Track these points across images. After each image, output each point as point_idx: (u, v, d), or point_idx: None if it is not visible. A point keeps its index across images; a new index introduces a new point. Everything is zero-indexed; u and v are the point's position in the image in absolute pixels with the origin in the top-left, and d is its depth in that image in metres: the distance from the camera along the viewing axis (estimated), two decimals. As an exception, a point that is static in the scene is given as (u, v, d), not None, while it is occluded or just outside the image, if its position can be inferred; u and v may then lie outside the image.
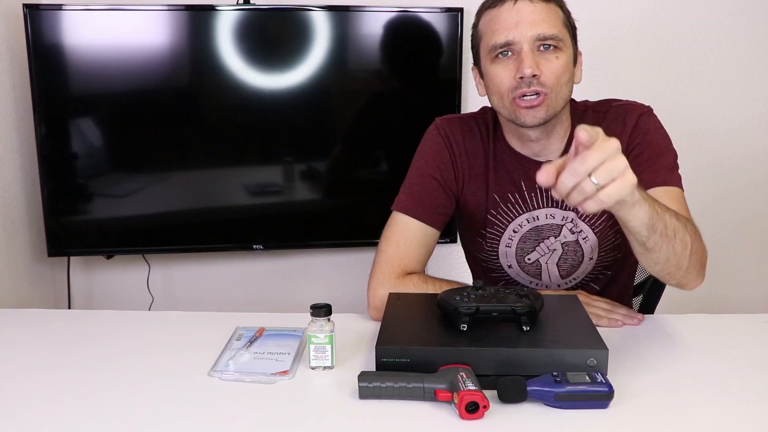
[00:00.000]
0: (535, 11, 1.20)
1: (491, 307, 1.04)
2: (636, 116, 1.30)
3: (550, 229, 1.35)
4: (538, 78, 1.19)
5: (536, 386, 0.95)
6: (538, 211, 1.34)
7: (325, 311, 1.07)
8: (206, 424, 0.94)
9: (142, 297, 2.26)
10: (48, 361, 1.15)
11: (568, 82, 1.24)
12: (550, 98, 1.21)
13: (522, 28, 1.19)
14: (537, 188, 1.32)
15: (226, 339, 1.20)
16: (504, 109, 1.26)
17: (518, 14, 1.20)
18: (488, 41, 1.24)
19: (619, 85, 2.17)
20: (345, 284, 2.32)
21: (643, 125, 1.29)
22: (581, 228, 1.34)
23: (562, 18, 1.24)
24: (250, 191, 2.14)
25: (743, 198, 2.27)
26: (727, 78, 2.20)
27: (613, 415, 0.94)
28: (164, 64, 2.01)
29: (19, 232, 2.04)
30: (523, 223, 1.36)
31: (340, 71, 2.09)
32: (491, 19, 1.24)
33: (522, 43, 1.20)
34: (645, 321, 1.30)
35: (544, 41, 1.20)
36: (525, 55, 1.19)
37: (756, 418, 0.94)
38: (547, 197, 1.33)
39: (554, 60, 1.21)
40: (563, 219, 1.34)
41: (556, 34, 1.21)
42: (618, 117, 1.31)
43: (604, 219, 1.32)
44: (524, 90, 1.20)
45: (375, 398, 0.97)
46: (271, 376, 1.06)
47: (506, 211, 1.36)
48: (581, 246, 1.36)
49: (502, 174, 1.35)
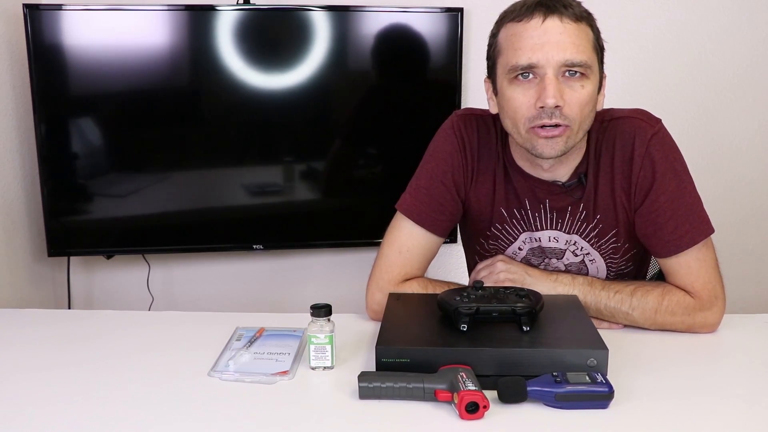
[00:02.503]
0: (565, 32, 1.09)
1: (491, 308, 1.05)
2: (645, 141, 1.19)
3: (553, 252, 1.32)
4: (560, 109, 1.10)
5: (536, 386, 0.95)
6: (540, 233, 1.30)
7: (325, 311, 1.07)
8: (206, 424, 0.94)
9: (142, 297, 2.25)
10: (48, 361, 1.15)
11: (591, 112, 1.15)
12: (571, 130, 1.12)
13: (548, 50, 1.08)
14: (541, 209, 1.28)
15: (226, 339, 1.19)
16: (519, 136, 1.17)
17: (545, 34, 1.09)
18: (508, 59, 1.13)
19: (619, 85, 2.17)
20: (345, 284, 2.32)
21: (651, 153, 1.19)
22: (588, 251, 1.30)
23: (592, 40, 1.13)
24: (250, 191, 2.14)
25: (743, 198, 2.27)
26: (727, 78, 2.20)
27: (613, 416, 0.94)
28: (164, 64, 2.01)
29: (19, 232, 2.04)
30: (527, 240, 1.32)
31: (340, 71, 2.08)
32: (514, 35, 1.12)
33: (546, 68, 1.09)
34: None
35: (571, 68, 1.10)
36: (549, 82, 1.09)
37: (757, 418, 0.94)
38: (549, 220, 1.28)
39: (579, 89, 1.11)
40: (566, 243, 1.30)
41: (585, 61, 1.10)
42: (627, 138, 1.21)
43: (612, 243, 1.28)
44: (544, 121, 1.11)
45: (375, 398, 0.97)
46: (271, 377, 1.06)
47: (510, 227, 1.32)
48: (587, 266, 1.32)
49: (509, 189, 1.29)
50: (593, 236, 1.27)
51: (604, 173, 1.23)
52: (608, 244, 1.28)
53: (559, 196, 1.25)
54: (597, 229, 1.26)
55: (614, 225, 1.25)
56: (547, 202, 1.26)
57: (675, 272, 1.22)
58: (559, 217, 1.27)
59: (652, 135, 1.20)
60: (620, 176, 1.22)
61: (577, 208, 1.25)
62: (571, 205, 1.25)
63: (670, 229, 1.20)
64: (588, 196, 1.24)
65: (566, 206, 1.26)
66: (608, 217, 1.25)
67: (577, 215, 1.26)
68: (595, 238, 1.27)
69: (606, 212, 1.25)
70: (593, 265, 1.31)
